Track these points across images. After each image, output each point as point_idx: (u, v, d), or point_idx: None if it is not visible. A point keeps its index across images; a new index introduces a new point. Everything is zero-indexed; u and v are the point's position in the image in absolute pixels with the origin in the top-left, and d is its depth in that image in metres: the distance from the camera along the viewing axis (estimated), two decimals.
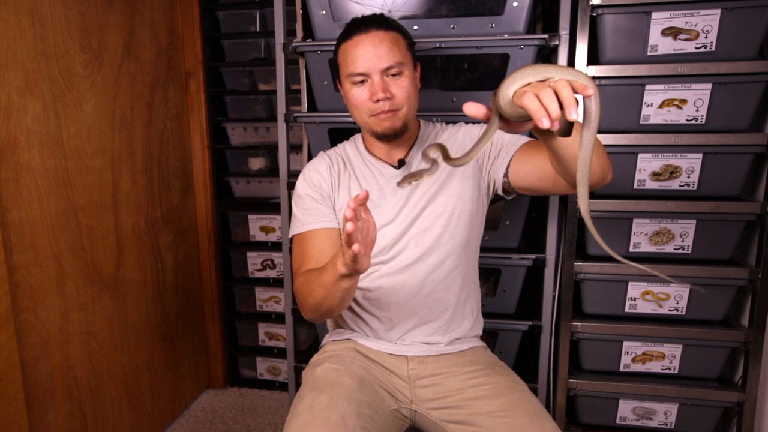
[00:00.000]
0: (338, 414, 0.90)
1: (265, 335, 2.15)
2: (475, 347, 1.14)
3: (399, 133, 1.05)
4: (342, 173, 1.12)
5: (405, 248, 1.07)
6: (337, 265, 0.84)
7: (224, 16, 2.04)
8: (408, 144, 1.12)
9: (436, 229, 1.06)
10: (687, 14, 1.29)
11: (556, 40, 1.31)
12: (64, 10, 1.38)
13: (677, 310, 1.44)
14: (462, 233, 1.08)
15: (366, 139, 1.15)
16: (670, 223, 1.39)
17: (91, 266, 1.50)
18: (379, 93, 0.99)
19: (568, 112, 0.60)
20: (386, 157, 1.12)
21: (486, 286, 1.59)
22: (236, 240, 2.13)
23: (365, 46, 1.00)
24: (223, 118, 2.09)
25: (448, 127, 1.16)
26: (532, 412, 0.94)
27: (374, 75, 1.00)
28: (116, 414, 1.62)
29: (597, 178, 0.88)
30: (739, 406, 1.42)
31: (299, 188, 1.12)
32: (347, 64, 1.02)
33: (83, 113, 1.46)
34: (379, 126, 1.03)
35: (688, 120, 1.35)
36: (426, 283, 1.07)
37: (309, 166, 1.14)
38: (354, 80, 1.02)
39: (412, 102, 1.04)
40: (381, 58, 0.99)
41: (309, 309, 0.99)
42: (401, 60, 1.01)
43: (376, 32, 1.00)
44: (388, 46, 1.00)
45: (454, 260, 1.08)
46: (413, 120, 1.11)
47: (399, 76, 1.01)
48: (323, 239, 1.07)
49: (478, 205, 1.10)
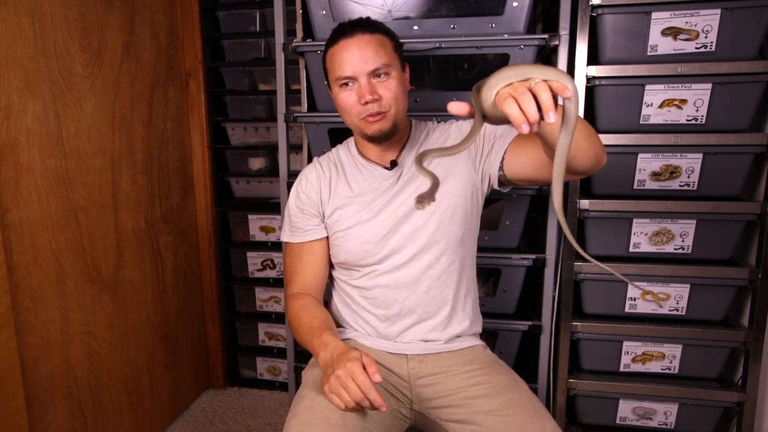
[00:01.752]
0: (339, 414, 0.90)
1: (265, 335, 2.15)
2: (475, 346, 1.14)
3: (389, 135, 1.06)
4: (333, 178, 1.14)
5: (400, 246, 1.07)
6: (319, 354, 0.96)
7: (224, 16, 2.04)
8: (399, 145, 1.13)
9: (430, 225, 1.06)
10: (687, 14, 1.29)
11: (556, 40, 1.31)
12: (64, 10, 1.38)
13: (677, 310, 1.44)
14: (457, 229, 1.08)
15: (358, 142, 1.16)
16: (670, 223, 1.39)
17: (91, 266, 1.50)
18: (366, 95, 1.00)
19: (546, 116, 0.62)
20: (378, 159, 1.12)
21: (486, 286, 1.59)
22: (236, 240, 2.13)
23: (351, 50, 1.00)
24: (223, 118, 2.09)
25: (439, 126, 1.16)
26: (532, 410, 0.94)
27: (361, 78, 1.01)
28: (116, 414, 1.62)
29: (591, 162, 0.89)
30: (739, 406, 1.42)
31: (290, 198, 1.17)
32: (335, 69, 1.03)
33: (83, 113, 1.46)
34: (369, 129, 1.04)
35: (688, 120, 1.35)
36: (422, 280, 1.08)
37: (301, 175, 1.17)
38: (342, 83, 1.03)
39: (401, 103, 1.05)
40: (367, 60, 1.00)
41: (296, 335, 1.09)
42: (388, 62, 1.01)
43: (361, 35, 1.01)
44: (374, 48, 1.00)
45: (450, 256, 1.08)
46: (403, 120, 1.11)
47: (386, 78, 1.02)
48: (309, 252, 1.14)
49: (473, 201, 1.10)
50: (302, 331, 1.04)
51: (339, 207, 1.11)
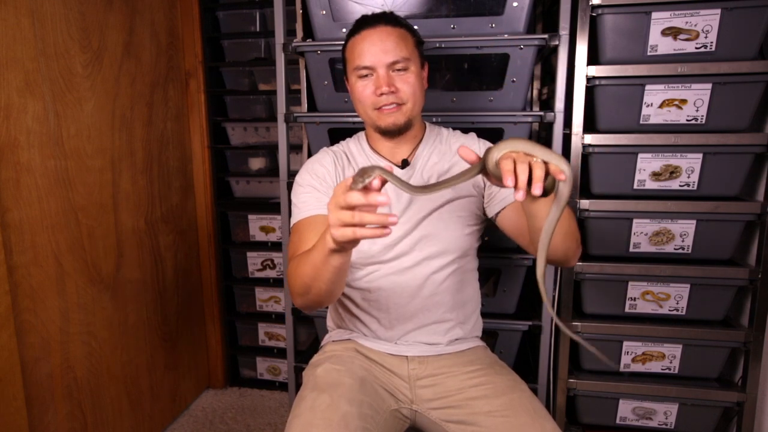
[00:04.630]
0: (340, 414, 0.90)
1: (265, 335, 2.15)
2: (475, 347, 1.14)
3: (402, 129, 1.05)
4: (346, 169, 1.12)
5: (408, 250, 1.07)
6: (326, 239, 0.79)
7: (224, 16, 2.04)
8: (413, 143, 1.12)
9: (441, 234, 1.07)
10: (687, 14, 1.29)
11: (556, 40, 1.31)
12: (64, 10, 1.38)
13: (677, 310, 1.44)
14: (467, 239, 1.09)
15: (370, 136, 1.14)
16: (670, 223, 1.39)
17: (91, 266, 1.50)
18: (383, 87, 0.99)
19: (534, 187, 0.68)
20: (390, 155, 1.11)
21: (486, 286, 1.59)
22: (236, 240, 2.13)
23: (372, 40, 1.00)
24: (223, 118, 2.09)
25: (457, 134, 1.16)
26: (533, 411, 0.94)
27: (379, 69, 1.00)
28: (116, 414, 1.62)
29: (559, 255, 0.96)
30: (739, 406, 1.42)
31: (300, 179, 1.10)
32: (354, 58, 1.03)
33: (83, 113, 1.46)
34: (383, 121, 1.03)
35: (688, 120, 1.35)
36: (426, 286, 1.07)
37: (312, 160, 1.13)
38: (360, 74, 1.02)
39: (418, 99, 1.04)
40: (387, 52, 0.99)
41: (298, 293, 0.94)
42: (407, 56, 1.01)
43: (384, 27, 1.01)
44: (395, 41, 1.00)
45: (456, 264, 1.09)
46: (418, 118, 1.10)
47: (405, 72, 1.01)
48: (320, 225, 1.01)
49: (480, 216, 1.12)
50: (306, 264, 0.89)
51: None
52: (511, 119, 1.34)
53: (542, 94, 1.78)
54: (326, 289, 0.89)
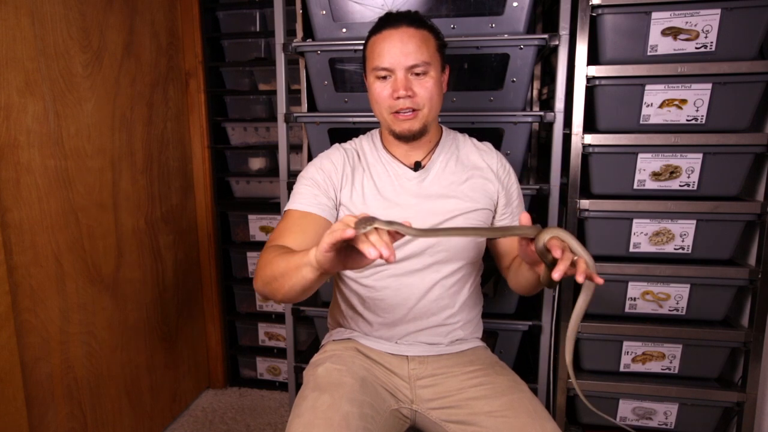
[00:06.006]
0: (341, 414, 0.90)
1: (265, 335, 2.15)
2: (476, 347, 1.14)
3: (417, 135, 1.05)
4: (356, 168, 1.11)
5: (419, 253, 1.07)
6: (310, 256, 0.78)
7: (224, 16, 2.04)
8: (428, 147, 1.11)
9: (453, 242, 1.07)
10: (687, 14, 1.29)
11: (556, 40, 1.31)
12: (64, 10, 1.38)
13: (677, 310, 1.44)
14: (476, 248, 1.11)
15: (384, 137, 1.13)
16: (670, 223, 1.39)
17: (91, 266, 1.50)
18: (400, 90, 0.98)
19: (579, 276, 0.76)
20: (404, 157, 1.11)
21: (486, 286, 1.59)
22: (236, 240, 2.13)
23: (393, 41, 0.99)
24: (223, 118, 2.09)
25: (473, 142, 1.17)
26: (533, 411, 0.94)
27: (398, 71, 0.99)
28: (116, 414, 1.62)
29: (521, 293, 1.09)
30: (739, 406, 1.42)
31: (307, 171, 1.10)
32: (373, 57, 1.01)
33: (83, 113, 1.46)
34: (398, 126, 1.03)
35: (688, 120, 1.35)
36: (433, 290, 1.08)
37: (322, 155, 1.13)
38: (378, 74, 1.01)
39: (435, 104, 1.03)
40: (407, 55, 0.98)
41: (261, 279, 0.93)
42: (428, 60, 0.99)
43: (406, 28, 0.99)
44: (417, 44, 0.98)
45: (465, 271, 1.10)
46: (434, 123, 1.09)
47: (424, 76, 1.00)
48: (310, 223, 1.02)
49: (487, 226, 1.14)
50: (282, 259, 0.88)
51: (362, 200, 1.07)
52: (511, 119, 1.35)
53: (542, 94, 1.78)
54: (287, 289, 0.87)
